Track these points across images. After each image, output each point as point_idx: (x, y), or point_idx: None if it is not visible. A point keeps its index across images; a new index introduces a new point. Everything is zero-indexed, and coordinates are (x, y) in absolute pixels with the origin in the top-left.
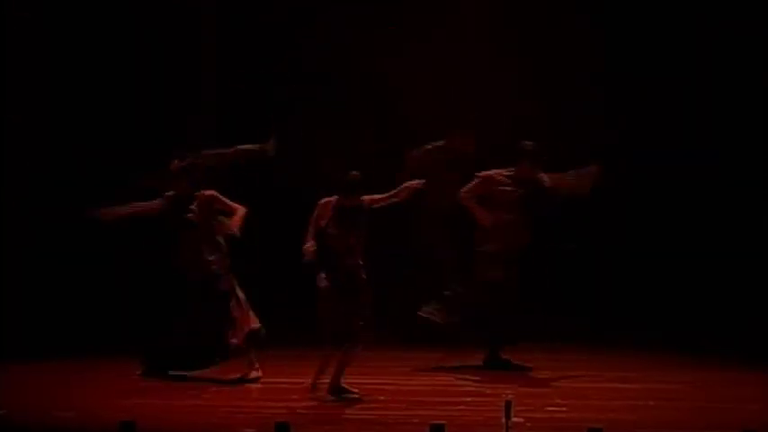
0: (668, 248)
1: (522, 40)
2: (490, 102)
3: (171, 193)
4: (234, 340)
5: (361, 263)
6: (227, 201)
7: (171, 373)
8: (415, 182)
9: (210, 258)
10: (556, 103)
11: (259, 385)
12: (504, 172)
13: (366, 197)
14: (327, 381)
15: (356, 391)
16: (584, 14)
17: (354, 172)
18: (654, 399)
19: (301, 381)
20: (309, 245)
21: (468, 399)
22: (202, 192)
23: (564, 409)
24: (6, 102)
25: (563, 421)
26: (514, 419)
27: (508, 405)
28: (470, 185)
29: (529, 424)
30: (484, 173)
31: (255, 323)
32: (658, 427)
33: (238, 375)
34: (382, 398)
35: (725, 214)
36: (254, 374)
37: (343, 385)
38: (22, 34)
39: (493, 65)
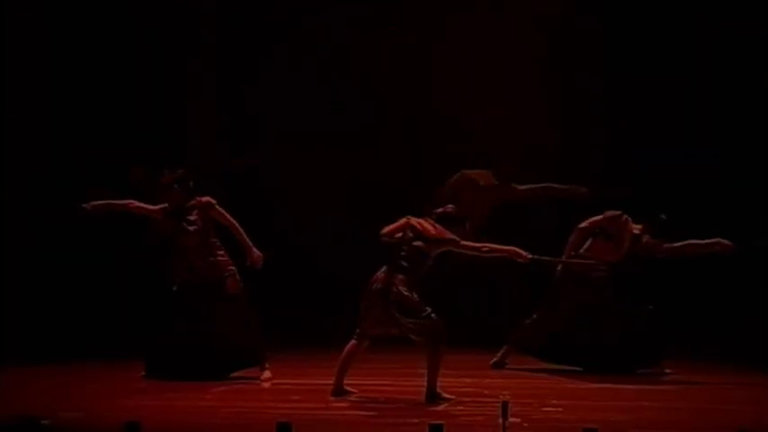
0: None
1: (522, 42)
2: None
3: (165, 205)
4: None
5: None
6: (224, 212)
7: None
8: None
9: (215, 261)
10: (557, 104)
11: (261, 386)
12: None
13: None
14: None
15: (356, 391)
16: (584, 14)
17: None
18: (650, 399)
19: (302, 382)
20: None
21: (467, 399)
22: (198, 199)
23: (560, 409)
24: (6, 102)
25: (559, 422)
26: (511, 420)
27: (505, 406)
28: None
29: (526, 424)
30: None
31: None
32: (654, 428)
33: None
34: (382, 398)
35: (725, 214)
36: (267, 375)
37: (345, 387)
38: (22, 34)
39: (493, 65)
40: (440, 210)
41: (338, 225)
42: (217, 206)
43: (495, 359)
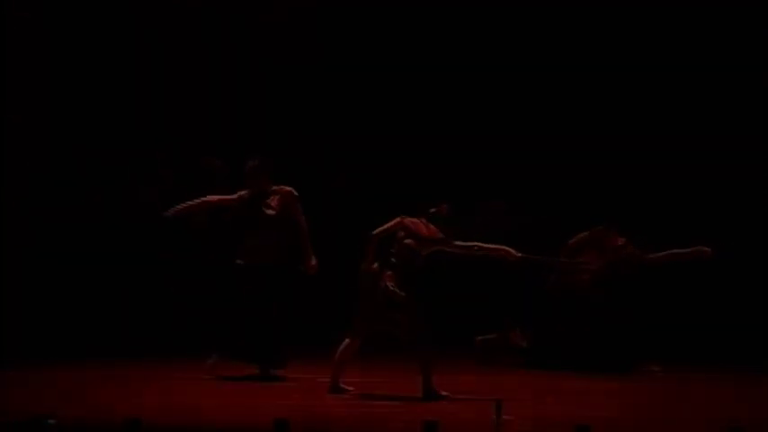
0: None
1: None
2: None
3: (246, 191)
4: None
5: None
6: (300, 210)
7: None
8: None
9: (283, 252)
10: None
11: (260, 384)
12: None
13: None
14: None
15: (352, 388)
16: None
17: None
18: (643, 397)
19: (300, 378)
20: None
21: (462, 397)
22: (282, 187)
23: (553, 407)
24: (6, 102)
25: (552, 419)
26: (505, 417)
27: (499, 403)
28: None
29: (519, 422)
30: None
31: None
32: (647, 426)
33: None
34: (378, 395)
35: (723, 216)
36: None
37: (341, 384)
38: (22, 34)
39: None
40: (433, 209)
41: (335, 225)
42: (296, 198)
43: (485, 336)
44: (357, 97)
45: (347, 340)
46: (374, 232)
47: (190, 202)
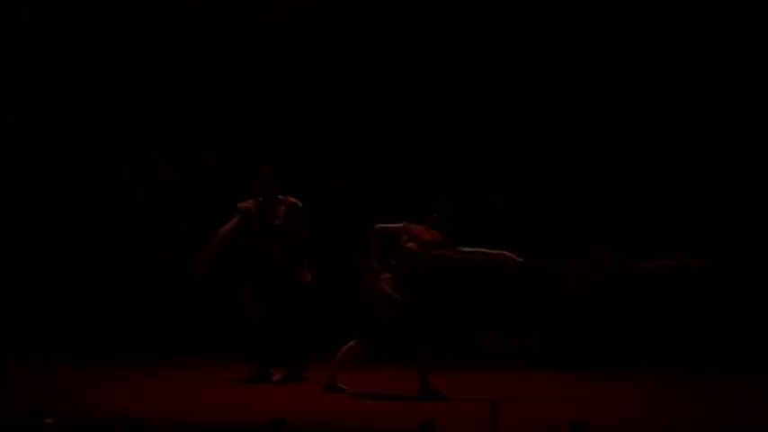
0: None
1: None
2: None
3: (252, 201)
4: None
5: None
6: (303, 222)
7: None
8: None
9: (285, 258)
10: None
11: (258, 383)
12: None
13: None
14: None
15: (348, 388)
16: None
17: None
18: (643, 397)
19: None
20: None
21: (459, 396)
22: (287, 197)
23: (554, 407)
24: (6, 102)
25: (549, 419)
26: (501, 417)
27: (495, 403)
28: None
29: (515, 422)
30: None
31: None
32: (648, 425)
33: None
34: (375, 395)
35: (723, 217)
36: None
37: (338, 383)
38: (22, 34)
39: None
40: (435, 215)
41: (335, 225)
42: (300, 210)
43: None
44: (357, 97)
45: (353, 342)
46: (378, 225)
47: (207, 248)
